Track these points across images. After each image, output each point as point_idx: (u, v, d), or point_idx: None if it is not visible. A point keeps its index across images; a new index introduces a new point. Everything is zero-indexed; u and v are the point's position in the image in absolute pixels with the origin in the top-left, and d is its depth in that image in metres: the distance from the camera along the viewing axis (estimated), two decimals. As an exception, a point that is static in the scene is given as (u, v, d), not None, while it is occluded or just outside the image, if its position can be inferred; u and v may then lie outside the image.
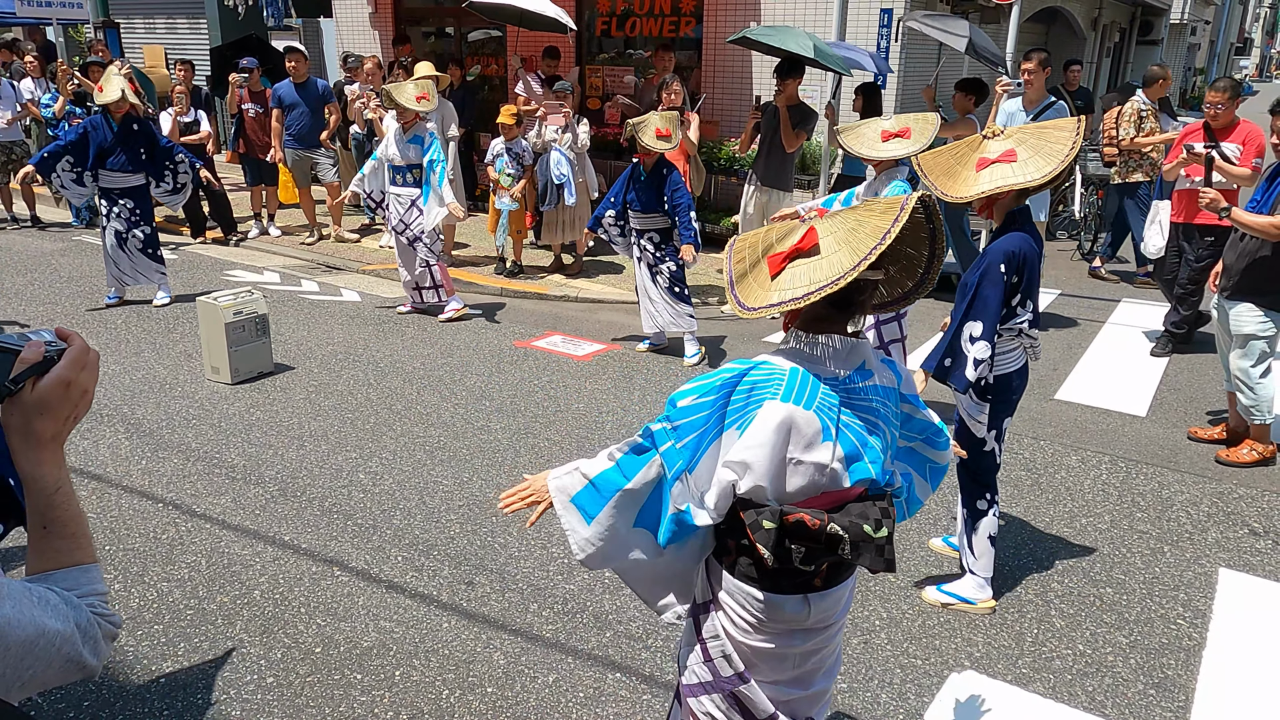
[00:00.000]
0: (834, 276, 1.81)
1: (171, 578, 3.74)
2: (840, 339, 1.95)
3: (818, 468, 1.90)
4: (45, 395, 1.17)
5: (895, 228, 1.80)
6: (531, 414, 5.46)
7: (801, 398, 1.88)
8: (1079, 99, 9.59)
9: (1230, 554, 4.09)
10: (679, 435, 1.92)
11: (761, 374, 1.91)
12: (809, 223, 1.94)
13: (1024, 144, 3.16)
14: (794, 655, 2.07)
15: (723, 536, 2.03)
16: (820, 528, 1.87)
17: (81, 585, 1.22)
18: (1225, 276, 4.91)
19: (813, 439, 1.88)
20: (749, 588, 2.00)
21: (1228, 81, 6.19)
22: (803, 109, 7.10)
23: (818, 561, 1.94)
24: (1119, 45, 21.62)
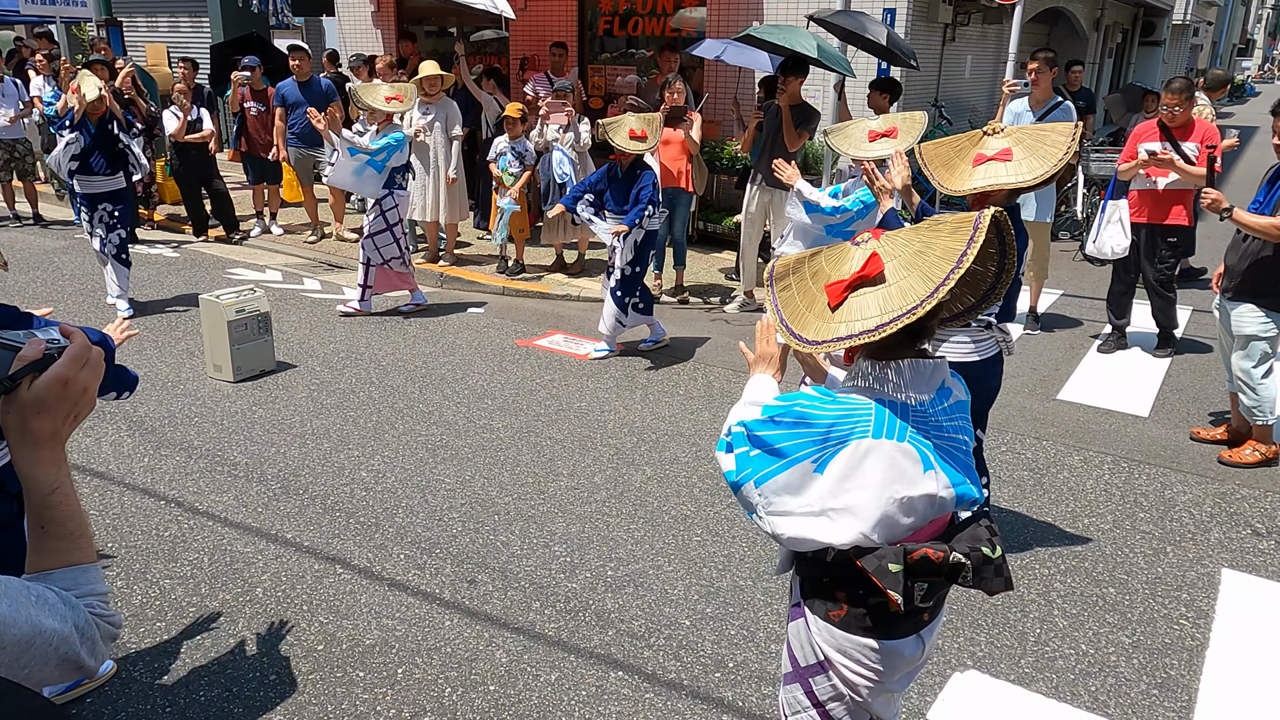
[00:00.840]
0: (910, 305, 1.68)
1: (174, 575, 3.75)
2: (921, 363, 1.83)
3: (928, 500, 1.80)
4: (42, 393, 1.15)
5: (973, 249, 1.70)
6: (534, 412, 5.46)
7: (894, 431, 1.77)
8: (1081, 100, 9.58)
9: (1233, 554, 4.08)
10: (753, 446, 1.85)
11: (841, 409, 1.79)
12: (867, 246, 1.83)
13: (1021, 144, 3.19)
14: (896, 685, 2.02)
15: (827, 588, 1.91)
16: (944, 560, 1.76)
17: (80, 585, 1.20)
18: (1227, 277, 4.91)
19: (914, 472, 1.78)
20: (864, 640, 1.89)
21: (1183, 82, 6.20)
22: (805, 109, 7.09)
23: (937, 595, 1.87)
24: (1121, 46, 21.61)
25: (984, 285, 2.01)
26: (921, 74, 10.48)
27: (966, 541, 1.82)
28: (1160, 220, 6.37)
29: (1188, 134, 6.12)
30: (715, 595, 3.68)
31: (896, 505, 1.77)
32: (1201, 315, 7.60)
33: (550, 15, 11.06)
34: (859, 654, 1.90)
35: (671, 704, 3.07)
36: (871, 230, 1.89)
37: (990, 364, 3.57)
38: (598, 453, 4.93)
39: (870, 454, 1.76)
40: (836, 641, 1.92)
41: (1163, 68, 22.11)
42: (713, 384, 6.01)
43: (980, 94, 12.78)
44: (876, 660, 1.90)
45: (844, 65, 7.49)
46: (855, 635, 1.90)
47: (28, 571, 1.21)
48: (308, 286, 8.20)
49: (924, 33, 10.15)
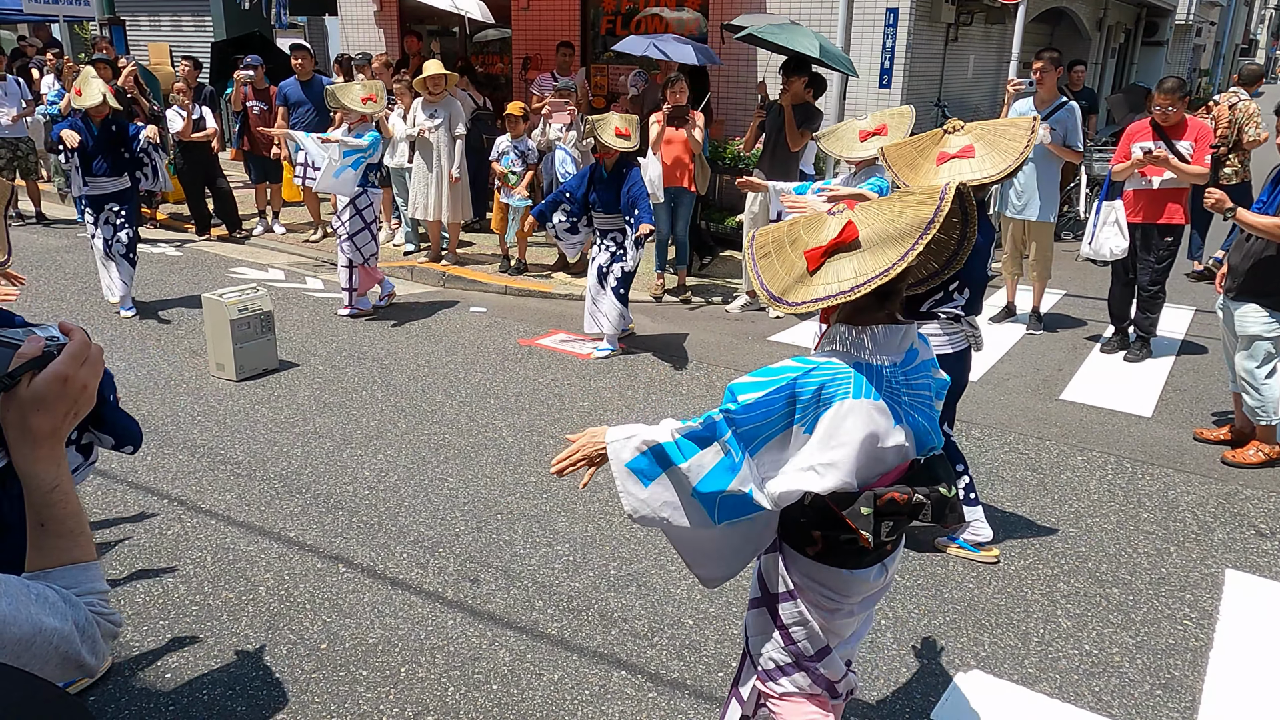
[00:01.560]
0: (882, 267, 1.84)
1: (177, 573, 3.75)
2: (889, 327, 1.99)
3: (896, 450, 1.99)
4: (42, 391, 1.15)
5: (939, 216, 1.86)
6: (536, 411, 5.46)
7: (871, 391, 1.94)
8: (1083, 100, 9.56)
9: (1237, 555, 4.08)
10: (738, 425, 1.96)
11: (826, 374, 1.94)
12: (842, 215, 1.97)
13: (982, 140, 3.28)
14: (860, 615, 2.25)
15: (805, 528, 2.11)
16: (909, 500, 1.97)
17: (81, 583, 1.20)
18: (1230, 277, 4.90)
19: (888, 427, 1.96)
20: (836, 569, 2.12)
21: (1175, 82, 6.20)
22: (807, 108, 7.09)
23: (900, 531, 2.06)
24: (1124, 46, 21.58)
25: (947, 252, 2.19)
26: (924, 74, 10.48)
27: (926, 483, 2.02)
28: (1156, 219, 6.35)
29: (1181, 133, 6.11)
30: (718, 594, 3.68)
31: (872, 455, 1.96)
32: (1204, 315, 7.59)
33: (553, 14, 11.06)
34: (830, 582, 2.14)
35: (675, 703, 3.07)
36: (846, 200, 2.04)
37: (960, 357, 3.67)
38: (600, 452, 4.92)
39: (851, 413, 1.93)
40: (810, 571, 2.15)
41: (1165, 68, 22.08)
42: (715, 383, 6.00)
43: (983, 94, 12.77)
44: (844, 587, 2.15)
45: (846, 64, 7.49)
46: (828, 566, 2.12)
47: (28, 570, 1.20)
48: (310, 285, 8.20)
49: (927, 32, 10.14)
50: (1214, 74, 34.41)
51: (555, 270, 8.61)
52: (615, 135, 6.11)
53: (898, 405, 1.99)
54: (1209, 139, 6.12)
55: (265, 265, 8.85)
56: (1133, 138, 6.29)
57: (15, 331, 1.17)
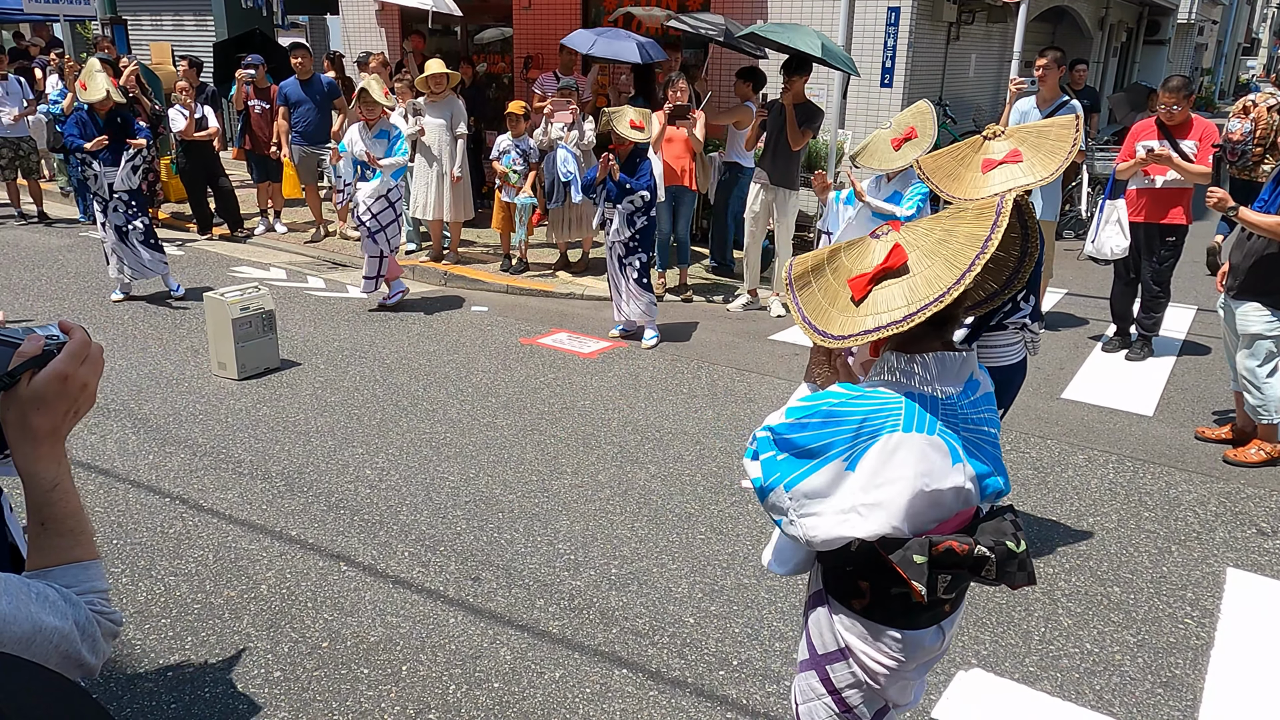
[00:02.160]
0: (936, 293, 1.68)
1: (179, 572, 3.75)
2: (949, 356, 1.83)
3: (954, 492, 1.80)
4: (41, 389, 1.14)
5: (997, 234, 1.69)
6: (538, 410, 5.46)
7: (924, 424, 1.76)
8: (1085, 99, 9.55)
9: (1238, 554, 4.08)
10: (779, 450, 1.83)
11: (870, 405, 1.78)
12: (888, 239, 1.82)
13: (1025, 143, 3.13)
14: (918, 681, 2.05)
15: (850, 578, 1.91)
16: (969, 552, 1.77)
17: (81, 583, 1.19)
18: (1232, 276, 4.90)
19: (944, 465, 1.78)
20: (886, 628, 1.90)
21: (1180, 80, 6.19)
22: (809, 107, 7.09)
23: (960, 588, 1.86)
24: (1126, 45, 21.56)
25: (1006, 270, 2.01)
26: (926, 73, 10.47)
27: (991, 535, 1.82)
28: (1158, 219, 6.34)
29: (1186, 132, 6.10)
30: (719, 593, 3.68)
31: (925, 498, 1.77)
32: (1206, 314, 7.59)
33: (554, 13, 11.06)
34: (880, 642, 1.91)
35: (675, 702, 3.07)
36: (890, 222, 1.88)
37: (1019, 367, 3.58)
38: (601, 451, 4.93)
39: (901, 447, 1.75)
40: (858, 629, 1.93)
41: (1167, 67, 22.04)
42: (716, 382, 6.00)
43: (984, 93, 12.76)
44: (898, 649, 1.91)
45: (848, 64, 7.48)
46: (877, 624, 1.90)
47: (28, 568, 1.19)
48: (312, 285, 8.21)
49: (928, 31, 10.14)
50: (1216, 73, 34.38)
51: (557, 269, 8.61)
52: (630, 127, 6.22)
53: (955, 441, 1.80)
54: (1213, 138, 6.10)
55: (267, 265, 8.85)
56: (1138, 136, 6.28)
57: (15, 330, 1.17)
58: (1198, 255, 8.94)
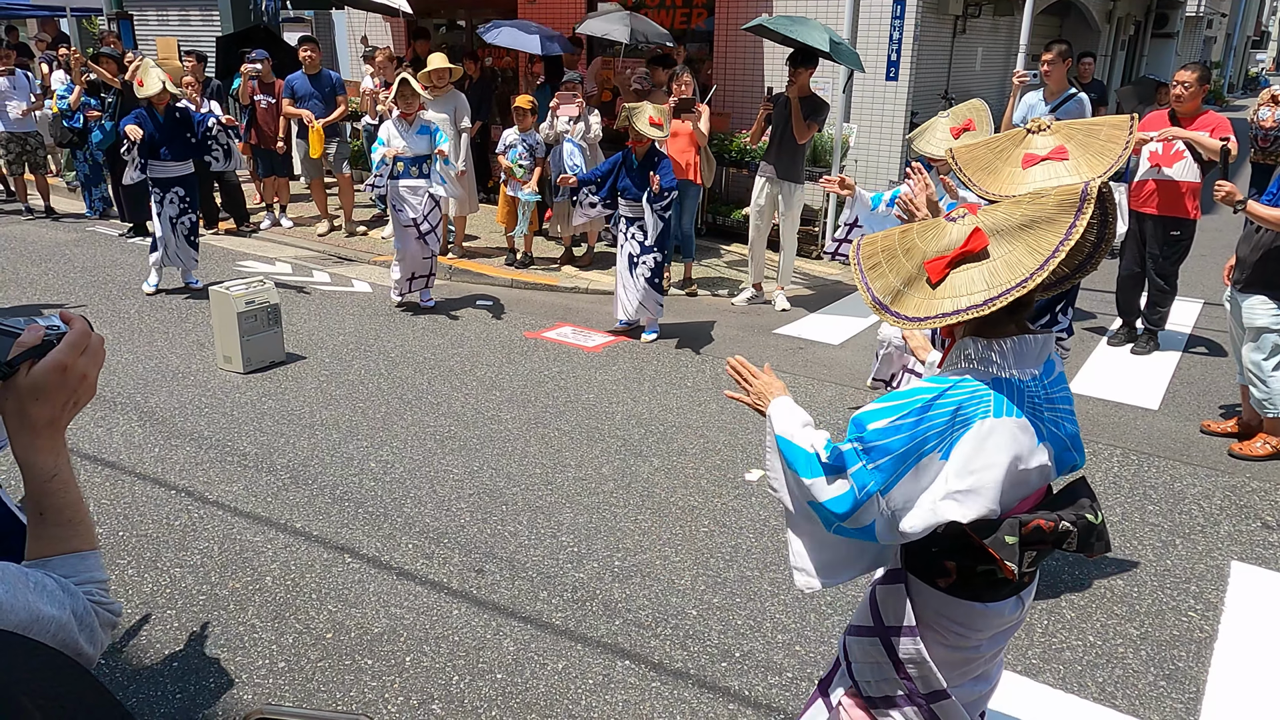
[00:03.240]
0: (1019, 279, 1.70)
1: (184, 563, 3.77)
2: (1027, 339, 1.85)
3: (1039, 471, 1.86)
4: (40, 379, 1.14)
5: (1082, 220, 1.71)
6: (542, 404, 5.47)
7: (1013, 408, 1.80)
8: (1092, 92, 9.52)
9: (1242, 547, 4.07)
10: (872, 458, 1.82)
11: (963, 393, 1.80)
12: (967, 222, 1.83)
13: (1072, 140, 2.96)
14: (989, 654, 2.05)
15: (937, 558, 1.92)
16: (1055, 528, 1.82)
17: (79, 572, 1.19)
18: (1238, 269, 4.88)
19: (1031, 446, 1.83)
20: (970, 603, 1.94)
21: (1199, 66, 6.14)
22: (815, 100, 7.07)
23: (1041, 560, 1.91)
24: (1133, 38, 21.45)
25: (1081, 255, 2.02)
26: (932, 66, 10.44)
27: (1071, 509, 1.86)
28: (1164, 212, 6.30)
29: (1194, 122, 6.06)
30: (722, 586, 3.69)
31: (1016, 478, 1.82)
32: (1211, 308, 7.56)
33: (559, 8, 11.04)
34: (961, 616, 1.95)
35: (678, 693, 3.08)
36: (968, 206, 1.89)
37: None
38: (605, 444, 4.94)
39: (994, 433, 1.79)
40: (940, 606, 1.96)
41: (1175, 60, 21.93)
42: (720, 376, 6.00)
43: (991, 86, 12.71)
44: (978, 621, 1.95)
45: (854, 60, 7.46)
46: (963, 600, 1.93)
47: (27, 558, 1.19)
48: (317, 279, 8.22)
49: (934, 25, 10.10)
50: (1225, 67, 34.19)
51: (562, 263, 8.61)
52: (649, 124, 6.18)
53: (1040, 421, 1.85)
54: (1224, 130, 6.05)
55: (273, 259, 8.87)
56: (1149, 127, 6.25)
57: (16, 320, 1.17)
58: (1205, 249, 8.91)
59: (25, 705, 0.66)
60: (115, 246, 9.16)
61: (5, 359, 1.13)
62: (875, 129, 9.57)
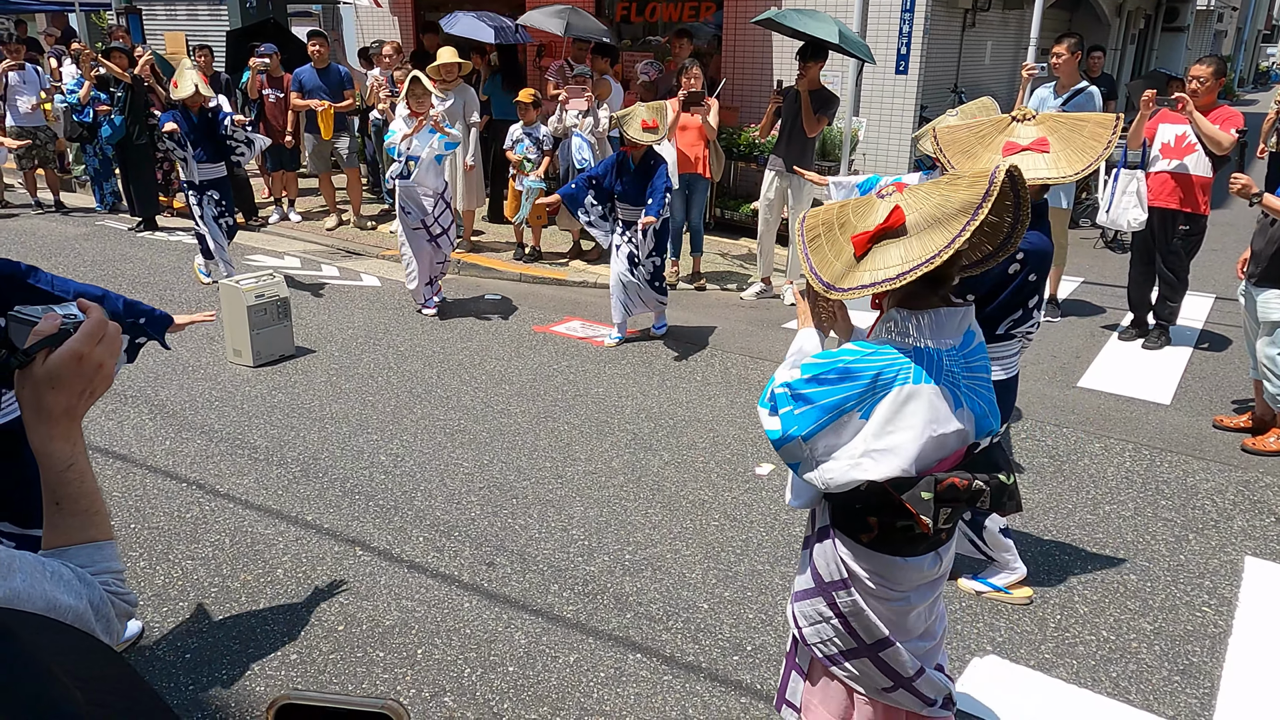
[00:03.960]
0: (929, 254, 1.82)
1: (196, 556, 3.78)
2: (946, 310, 1.98)
3: (957, 435, 1.99)
4: (57, 368, 1.13)
5: (987, 203, 1.82)
6: (551, 398, 5.47)
7: (931, 374, 1.93)
8: (1102, 85, 9.46)
9: (1256, 542, 4.04)
10: (797, 405, 1.98)
11: (883, 360, 1.93)
12: (891, 200, 1.94)
13: (1056, 134, 2.95)
14: (923, 610, 2.18)
15: (859, 514, 2.07)
16: (969, 486, 1.96)
17: (96, 562, 1.18)
18: (1253, 262, 4.85)
19: (948, 412, 1.96)
20: (891, 557, 2.08)
21: (1216, 59, 6.09)
22: (824, 94, 7.04)
23: (957, 518, 2.05)
24: (1144, 32, 21.34)
25: (1000, 235, 2.12)
26: (941, 60, 10.39)
27: (985, 469, 2.01)
28: (1174, 206, 6.24)
29: (1207, 116, 6.01)
30: (733, 579, 3.68)
31: (933, 442, 1.95)
32: (1224, 302, 7.52)
33: (567, 1, 11.01)
34: (882, 569, 2.10)
35: (689, 686, 3.08)
36: (896, 184, 2.01)
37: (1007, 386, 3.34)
38: (615, 438, 4.94)
39: (912, 398, 1.92)
40: (865, 559, 2.11)
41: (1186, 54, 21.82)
42: (729, 370, 5.99)
43: (1000, 80, 12.66)
44: (898, 575, 2.10)
45: (864, 51, 7.43)
46: (883, 554, 2.08)
47: (44, 548, 1.18)
48: (325, 273, 8.23)
49: (944, 18, 10.06)
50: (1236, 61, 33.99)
51: (570, 258, 8.60)
52: (641, 129, 6.02)
53: (957, 389, 1.97)
54: (1237, 124, 6.00)
55: (281, 253, 8.88)
56: (1163, 119, 6.21)
57: (34, 309, 1.16)
58: (1217, 244, 8.85)
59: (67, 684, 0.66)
60: (125, 241, 9.18)
61: (22, 347, 1.12)
62: (885, 122, 9.54)
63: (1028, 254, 3.11)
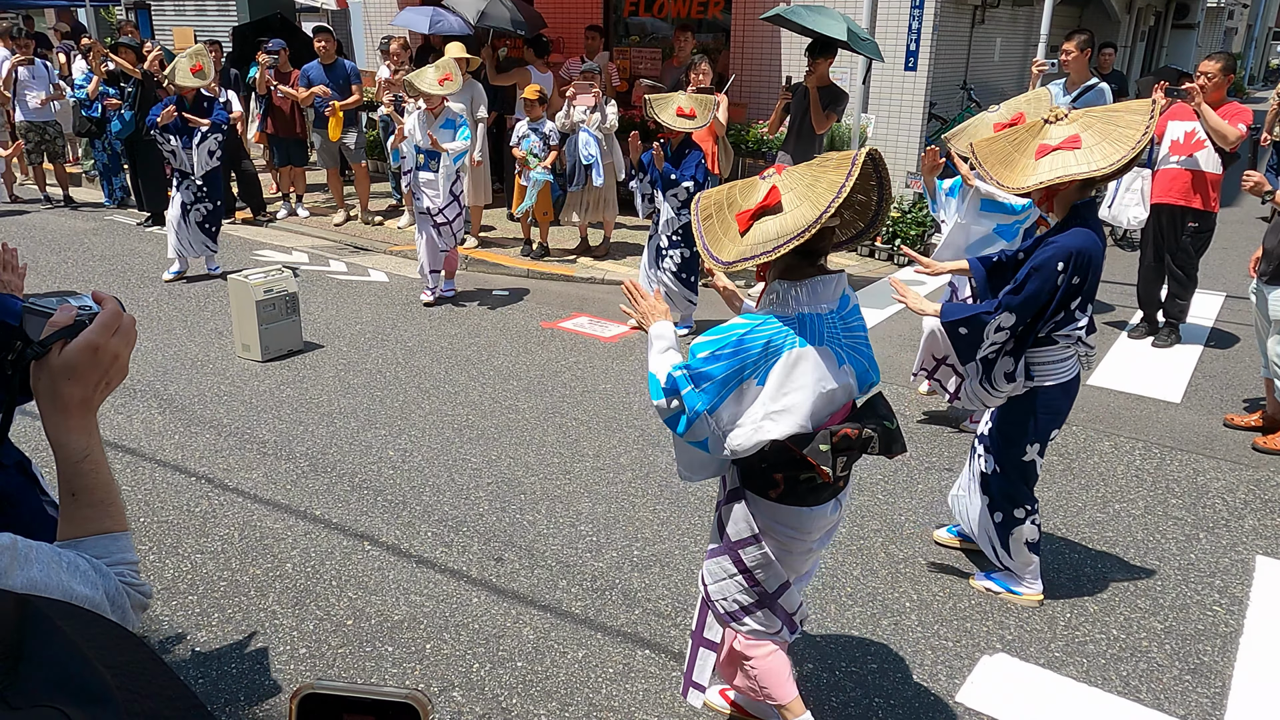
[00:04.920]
0: (799, 229, 2.06)
1: (205, 550, 3.79)
2: (821, 279, 2.22)
3: (844, 389, 2.24)
4: (72, 359, 1.14)
5: (849, 181, 2.04)
6: (559, 394, 5.46)
7: (815, 337, 2.18)
8: (1112, 82, 9.41)
9: (1268, 541, 4.02)
10: (698, 382, 2.19)
11: (771, 328, 2.17)
12: (770, 180, 2.20)
13: (1090, 129, 2.90)
14: (818, 552, 2.49)
15: (767, 472, 2.28)
16: (860, 435, 2.20)
17: (111, 553, 1.18)
18: (1265, 261, 4.82)
19: (832, 369, 2.20)
20: (798, 508, 2.32)
21: (1225, 56, 6.05)
22: (833, 90, 7.02)
23: (851, 465, 2.26)
24: (1154, 29, 21.23)
25: (870, 213, 2.32)
26: (951, 57, 10.35)
27: (871, 419, 2.27)
28: (1182, 202, 6.20)
29: (1216, 112, 5.97)
30: (742, 576, 3.67)
31: (824, 398, 2.20)
32: (1235, 301, 7.48)
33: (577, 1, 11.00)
34: (791, 519, 2.35)
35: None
36: (776, 165, 2.27)
37: (1066, 389, 3.28)
38: (623, 434, 4.93)
39: (801, 360, 2.16)
40: (774, 513, 2.36)
41: (1196, 51, 21.70)
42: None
43: (1009, 77, 12.60)
44: (806, 524, 2.36)
45: (873, 49, 7.40)
46: (790, 506, 2.33)
47: (59, 539, 1.19)
48: (334, 268, 8.24)
49: (953, 15, 10.01)
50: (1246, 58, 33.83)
51: (578, 254, 8.60)
52: (677, 115, 6.04)
53: (839, 348, 2.22)
54: (1245, 120, 5.97)
55: (289, 248, 8.89)
56: (1171, 116, 6.17)
57: (49, 300, 1.16)
58: (1228, 241, 8.81)
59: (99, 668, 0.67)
60: (133, 235, 9.20)
61: (38, 339, 1.12)
62: (894, 119, 9.50)
63: (1072, 254, 3.03)
